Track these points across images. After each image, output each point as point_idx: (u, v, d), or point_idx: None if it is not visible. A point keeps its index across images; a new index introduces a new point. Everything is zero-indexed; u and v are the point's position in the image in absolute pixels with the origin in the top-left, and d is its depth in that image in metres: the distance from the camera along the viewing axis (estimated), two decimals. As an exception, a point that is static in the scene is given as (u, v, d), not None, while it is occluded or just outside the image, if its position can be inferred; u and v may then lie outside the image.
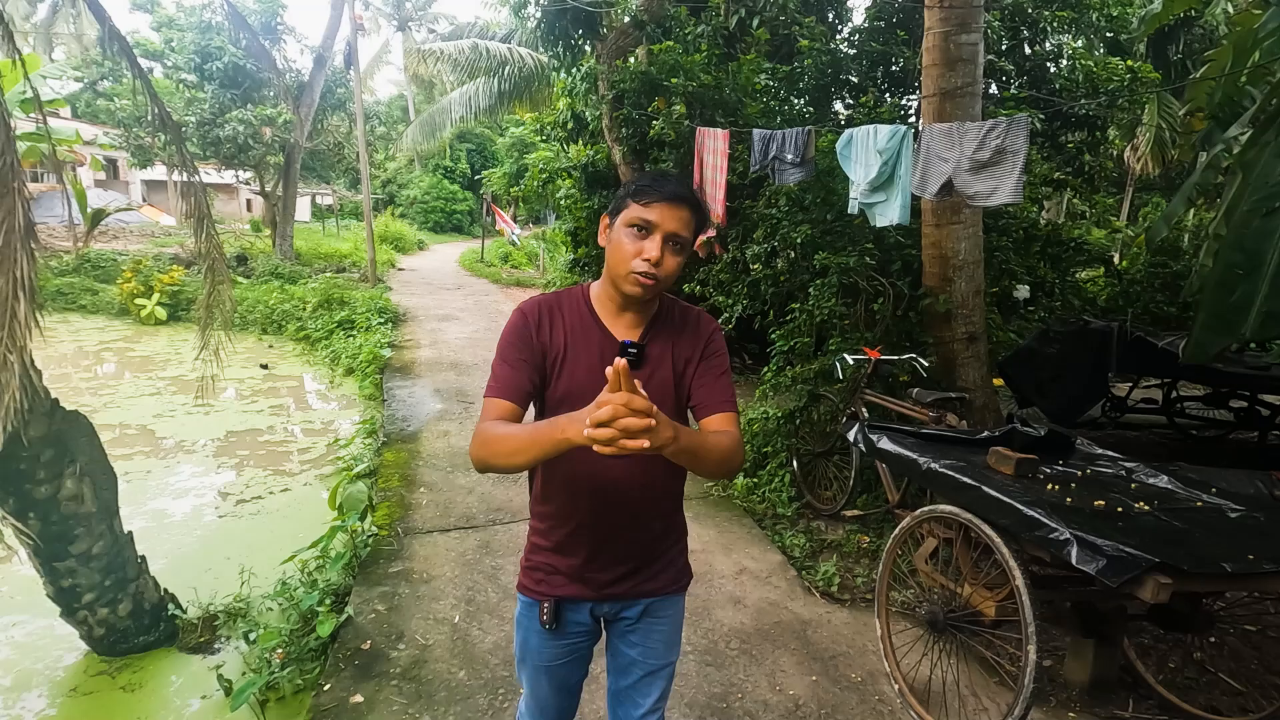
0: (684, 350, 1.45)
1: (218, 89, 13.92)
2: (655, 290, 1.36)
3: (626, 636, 1.56)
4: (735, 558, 3.62)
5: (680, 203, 1.33)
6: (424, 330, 9.79)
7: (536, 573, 1.50)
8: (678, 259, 1.36)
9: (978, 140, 2.87)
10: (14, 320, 2.74)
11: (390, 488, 4.40)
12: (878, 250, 4.64)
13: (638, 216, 1.33)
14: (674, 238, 1.34)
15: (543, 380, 1.40)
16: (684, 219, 1.34)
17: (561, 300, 1.46)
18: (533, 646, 1.53)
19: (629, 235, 1.34)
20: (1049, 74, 8.00)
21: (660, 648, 1.57)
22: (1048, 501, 2.26)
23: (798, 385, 4.55)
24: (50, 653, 3.15)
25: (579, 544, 1.46)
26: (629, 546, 1.48)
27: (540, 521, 1.51)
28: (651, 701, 1.58)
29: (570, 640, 1.53)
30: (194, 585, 3.49)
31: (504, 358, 1.40)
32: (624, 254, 1.34)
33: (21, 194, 2.87)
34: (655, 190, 1.33)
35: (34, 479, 2.84)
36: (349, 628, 2.91)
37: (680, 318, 1.49)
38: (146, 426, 6.37)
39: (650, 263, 1.32)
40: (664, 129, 6.31)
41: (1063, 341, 5.10)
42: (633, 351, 1.38)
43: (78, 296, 11.52)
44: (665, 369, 1.43)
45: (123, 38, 3.26)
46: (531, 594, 1.50)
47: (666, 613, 1.56)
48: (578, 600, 1.49)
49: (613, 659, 1.62)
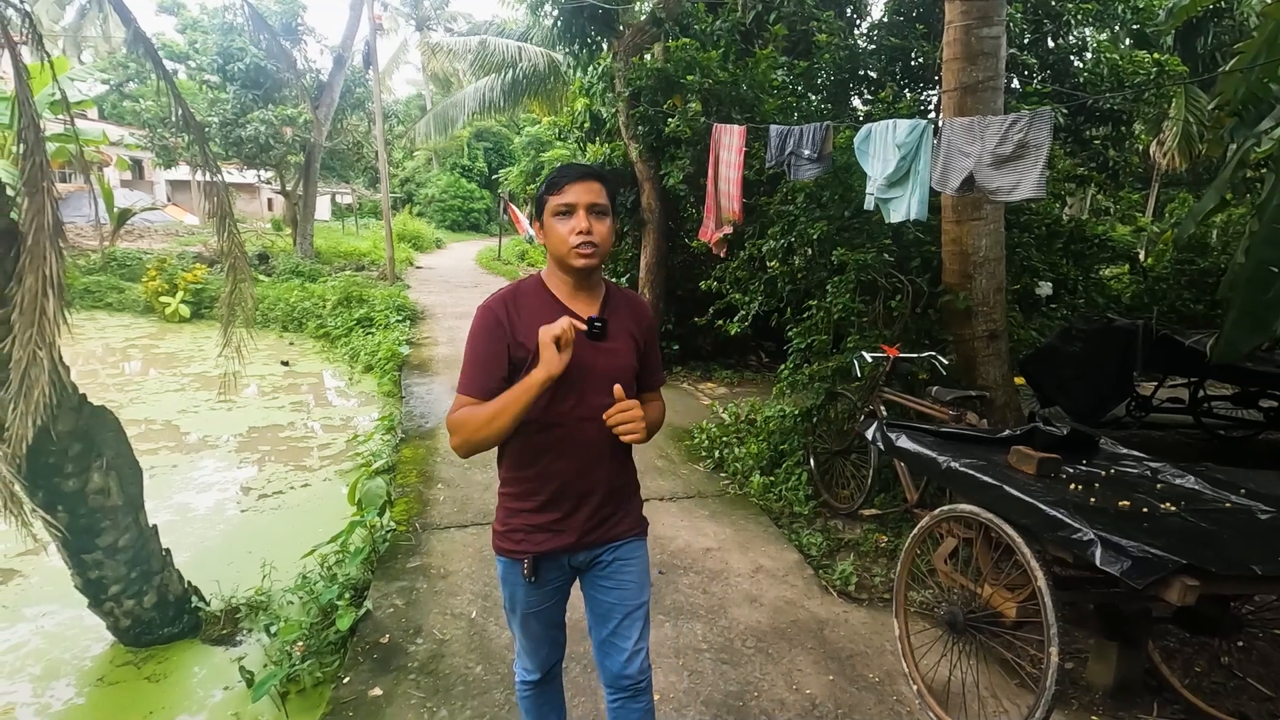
0: (632, 328, 1.68)
1: (240, 89, 14.11)
2: (599, 255, 1.56)
3: (600, 584, 1.74)
4: (751, 556, 3.61)
5: (588, 178, 1.55)
6: (442, 328, 9.86)
7: (515, 534, 1.66)
8: (605, 223, 1.56)
9: (1000, 134, 2.82)
10: (43, 317, 2.80)
11: (408, 484, 4.44)
12: (896, 247, 4.59)
13: (558, 204, 1.54)
14: (593, 207, 1.54)
15: (515, 365, 1.56)
16: (596, 189, 1.55)
17: (520, 292, 1.64)
18: (520, 598, 1.71)
19: (559, 221, 1.55)
20: (1073, 68, 7.86)
21: (633, 588, 1.74)
22: (1071, 501, 2.22)
23: (815, 383, 4.52)
24: (79, 643, 3.22)
25: (561, 501, 1.63)
26: (603, 497, 1.67)
27: (517, 487, 1.66)
28: (633, 642, 1.74)
29: (551, 586, 1.72)
30: (217, 578, 3.54)
31: (474, 357, 1.58)
32: (560, 236, 1.54)
33: (51, 194, 2.93)
34: (565, 177, 1.55)
35: (62, 473, 2.90)
36: (368, 621, 2.94)
37: (625, 301, 1.72)
38: (171, 422, 6.49)
39: (583, 233, 1.52)
40: (680, 126, 6.30)
41: (1086, 339, 5.02)
42: (598, 326, 1.56)
43: (104, 294, 11.75)
44: (624, 340, 1.65)
45: (148, 39, 3.32)
46: (511, 554, 1.67)
47: (633, 555, 1.75)
48: (555, 552, 1.66)
49: (592, 612, 1.78)
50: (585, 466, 1.62)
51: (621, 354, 1.63)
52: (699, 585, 3.29)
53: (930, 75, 8.01)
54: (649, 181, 7.38)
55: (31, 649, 3.20)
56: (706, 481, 4.61)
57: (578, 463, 1.61)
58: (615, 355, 1.61)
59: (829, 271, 4.72)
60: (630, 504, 1.77)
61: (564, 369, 1.45)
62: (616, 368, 1.60)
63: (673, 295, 7.68)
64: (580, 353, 1.52)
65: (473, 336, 1.59)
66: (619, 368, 1.61)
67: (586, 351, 1.55)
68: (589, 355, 1.56)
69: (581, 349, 1.53)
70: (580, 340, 1.52)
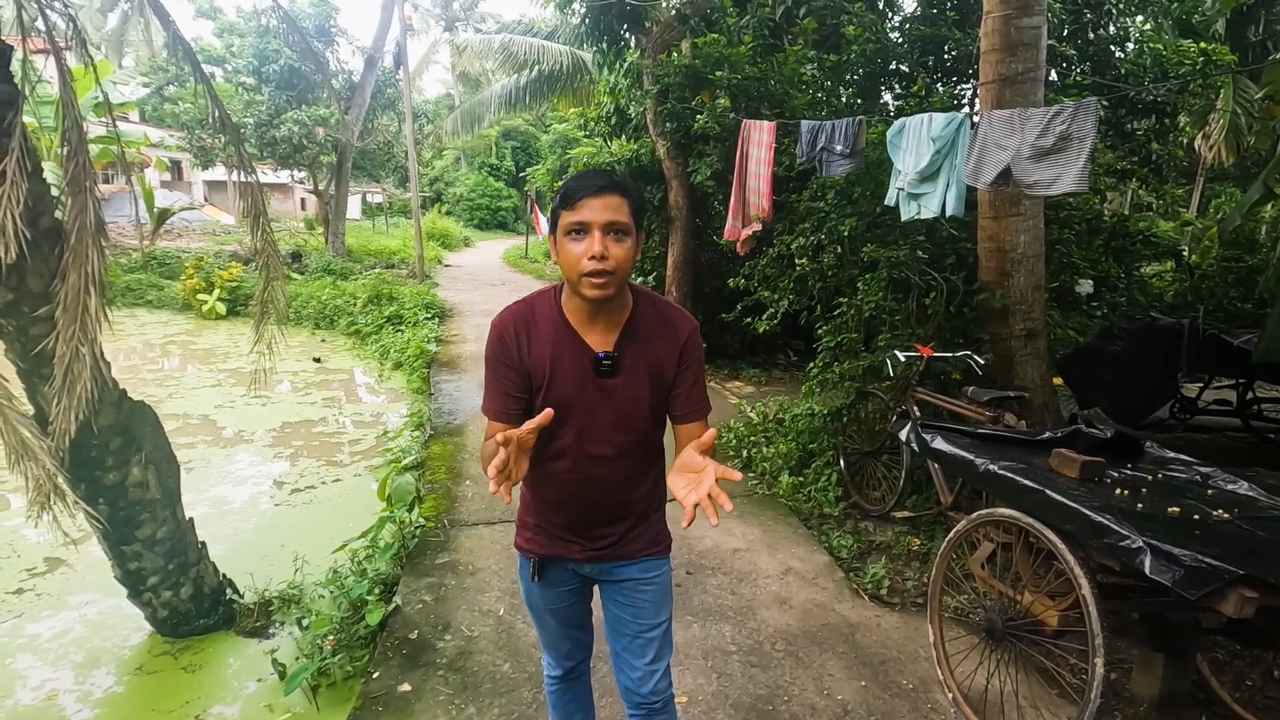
0: (660, 356, 1.48)
1: (274, 91, 14.39)
2: (614, 283, 1.36)
3: (614, 598, 1.66)
4: (780, 557, 3.56)
5: (606, 191, 1.34)
6: (470, 325, 9.94)
7: (526, 531, 1.64)
8: (624, 245, 1.36)
9: (1041, 126, 2.73)
10: (85, 314, 2.87)
11: (437, 480, 4.47)
12: (930, 244, 4.49)
13: (571, 221, 1.35)
14: (611, 226, 1.34)
15: (532, 389, 1.47)
16: (615, 205, 1.34)
17: (535, 311, 1.48)
18: (534, 594, 1.69)
19: (570, 242, 1.36)
20: (1114, 59, 7.62)
21: (648, 609, 1.64)
22: (1117, 507, 2.14)
23: (845, 382, 4.45)
24: (118, 632, 3.30)
25: (564, 524, 1.58)
26: (611, 524, 1.58)
27: (531, 492, 1.61)
28: (645, 662, 1.64)
29: (559, 589, 1.67)
30: (250, 571, 3.61)
31: (490, 379, 1.50)
32: (571, 260, 1.35)
33: (93, 194, 3.00)
34: (579, 189, 1.34)
35: (103, 466, 2.97)
36: (397, 617, 2.96)
37: (656, 320, 1.50)
38: (208, 417, 6.63)
39: (596, 259, 1.32)
40: (708, 122, 6.24)
41: (1128, 339, 4.86)
42: (606, 364, 1.43)
43: (144, 292, 12.08)
44: (639, 377, 1.47)
45: (186, 42, 3.38)
46: (521, 550, 1.65)
47: (651, 575, 1.63)
48: (560, 558, 1.62)
49: (607, 622, 1.71)
50: (591, 500, 1.54)
51: (633, 392, 1.47)
52: (727, 586, 3.26)
53: (964, 68, 7.83)
54: (676, 179, 7.34)
55: (74, 637, 3.28)
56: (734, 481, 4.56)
57: (583, 496, 1.53)
58: (624, 393, 1.46)
59: (860, 269, 4.64)
60: (646, 525, 1.63)
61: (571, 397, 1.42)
62: (624, 407, 1.47)
63: (700, 293, 7.63)
64: (587, 388, 1.44)
65: (488, 355, 1.50)
66: (626, 407, 1.47)
67: (592, 388, 1.44)
68: (594, 392, 1.45)
69: (588, 385, 1.44)
70: (587, 375, 1.44)
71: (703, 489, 1.21)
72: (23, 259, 2.64)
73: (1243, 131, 11.94)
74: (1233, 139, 12.13)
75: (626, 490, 1.56)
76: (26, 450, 2.59)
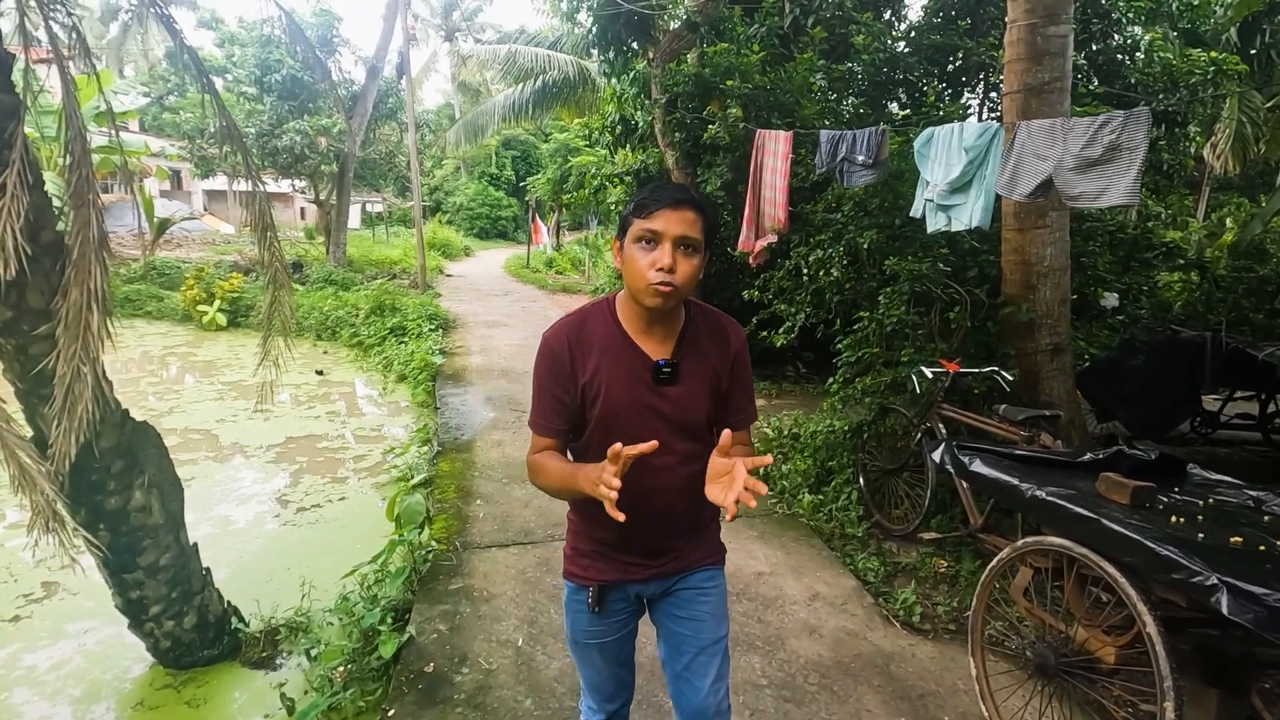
0: (715, 364, 1.50)
1: (276, 100, 14.33)
2: (676, 297, 1.37)
3: (673, 613, 1.62)
4: (806, 581, 3.43)
5: (682, 205, 1.35)
6: (474, 337, 9.83)
7: (582, 559, 1.59)
8: (692, 262, 1.37)
9: (1087, 136, 2.63)
10: (87, 332, 2.75)
11: (446, 499, 4.35)
12: (952, 256, 4.40)
13: (643, 229, 1.35)
14: (683, 240, 1.35)
15: (578, 404, 1.46)
16: (689, 220, 1.35)
17: (588, 321, 1.48)
18: (582, 627, 1.62)
19: (639, 250, 1.36)
20: (1124, 68, 7.57)
21: (709, 622, 1.61)
22: (1179, 538, 2.02)
23: (866, 398, 4.34)
24: (118, 663, 3.17)
25: (628, 539, 1.52)
26: (668, 538, 1.56)
27: (583, 519, 1.58)
28: (710, 680, 1.60)
29: (615, 619, 1.62)
30: (256, 596, 3.47)
31: (539, 391, 1.48)
32: (638, 269, 1.36)
33: (96, 207, 2.89)
34: (655, 200, 1.35)
35: (105, 490, 2.84)
36: (411, 648, 2.83)
37: (708, 328, 1.53)
38: (210, 431, 6.50)
39: (664, 270, 1.33)
40: (719, 132, 6.16)
41: (1149, 352, 4.77)
42: (667, 371, 1.44)
43: (144, 303, 11.96)
44: (700, 384, 1.48)
45: (193, 51, 3.28)
46: (578, 579, 1.60)
47: (709, 585, 1.62)
48: (621, 583, 1.58)
49: (665, 643, 1.66)
50: (651, 511, 1.49)
51: (693, 399, 1.48)
52: (754, 614, 3.13)
53: (972, 77, 7.78)
54: (685, 189, 7.23)
55: (73, 668, 3.15)
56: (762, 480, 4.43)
57: (643, 507, 1.46)
58: (684, 401, 1.47)
59: (879, 282, 4.54)
60: (704, 535, 1.64)
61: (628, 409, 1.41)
62: (683, 416, 1.47)
63: (709, 305, 7.52)
64: (645, 397, 1.44)
65: (535, 372, 1.49)
66: (686, 415, 1.47)
67: (652, 397, 1.44)
68: (654, 401, 1.45)
69: (647, 394, 1.44)
70: (645, 384, 1.44)
71: (738, 484, 1.22)
72: (23, 275, 2.52)
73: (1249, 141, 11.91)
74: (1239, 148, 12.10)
75: (687, 500, 1.51)
76: (25, 476, 2.47)
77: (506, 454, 5.18)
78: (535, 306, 12.84)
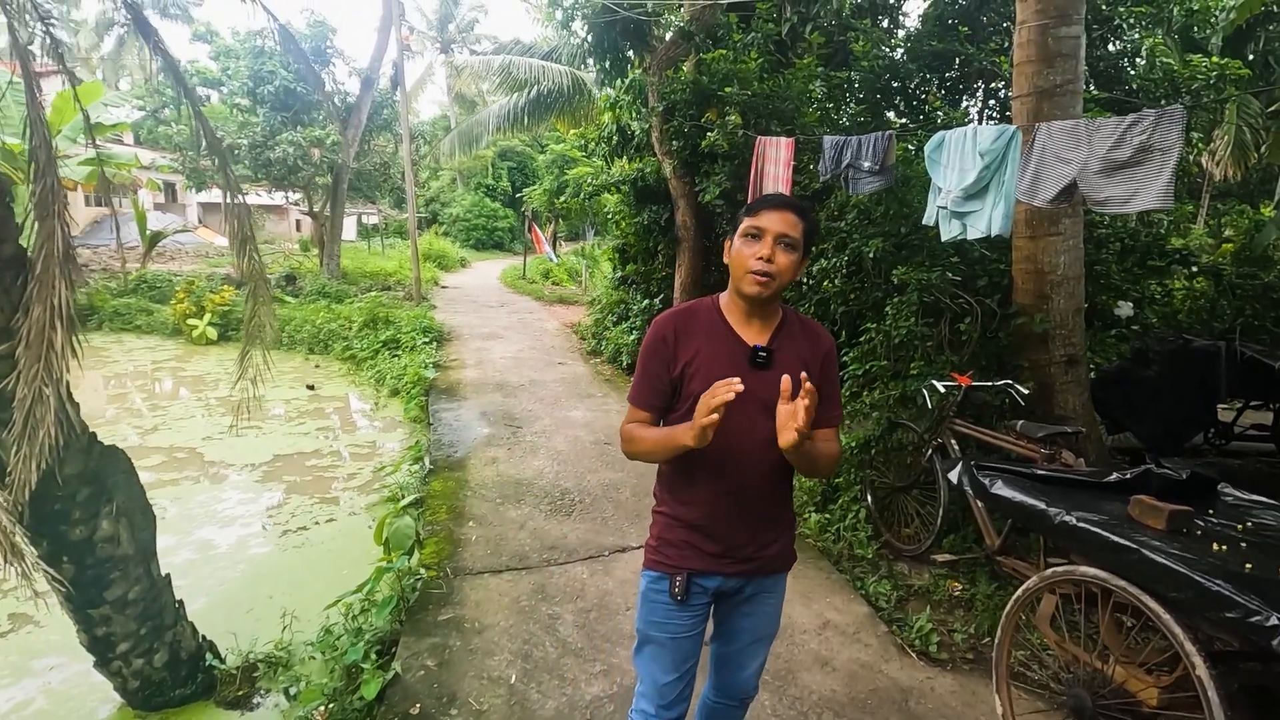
0: (808, 358, 1.61)
1: (269, 112, 14.20)
2: (773, 287, 1.52)
3: (740, 608, 1.71)
4: (816, 608, 3.26)
5: (784, 208, 1.54)
6: (469, 349, 9.65)
7: (670, 549, 1.64)
8: (790, 257, 1.53)
9: (1114, 138, 2.49)
10: (50, 351, 2.59)
11: (438, 521, 4.16)
12: (961, 265, 4.25)
13: (749, 225, 1.54)
14: (783, 238, 1.51)
15: (676, 384, 1.59)
16: (790, 221, 1.52)
17: (695, 311, 1.64)
18: (658, 618, 1.66)
19: (744, 243, 1.54)
20: (1125, 74, 7.49)
21: (771, 618, 1.76)
22: (1226, 570, 1.86)
23: (874, 413, 4.18)
24: (84, 704, 2.98)
25: (718, 523, 1.60)
26: (759, 523, 1.63)
27: (677, 504, 1.65)
28: (757, 665, 1.78)
29: (694, 612, 1.66)
30: (235, 629, 3.28)
31: (642, 370, 1.63)
32: (742, 259, 1.53)
33: (62, 218, 2.73)
34: (762, 202, 1.56)
35: (69, 520, 2.67)
36: (396, 687, 2.64)
37: (802, 328, 1.66)
38: (196, 450, 6.31)
39: (764, 260, 1.50)
40: (718, 140, 6.03)
41: (1162, 362, 4.63)
42: (763, 356, 1.55)
43: (134, 317, 11.78)
44: (794, 370, 1.52)
45: (171, 57, 3.14)
46: (664, 568, 1.64)
47: (777, 588, 1.75)
48: (708, 574, 1.64)
49: (721, 627, 1.76)
50: (742, 491, 1.59)
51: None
52: (761, 645, 2.95)
53: (971, 84, 7.68)
54: (684, 198, 7.12)
55: (36, 709, 2.96)
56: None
57: (733, 486, 1.59)
58: (777, 385, 1.51)
59: (886, 292, 4.39)
60: (786, 535, 1.72)
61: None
62: (775, 399, 1.51)
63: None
64: (743, 379, 1.48)
65: (643, 350, 1.63)
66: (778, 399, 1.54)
67: (749, 379, 1.48)
68: (751, 383, 1.49)
69: (743, 375, 1.48)
70: (742, 367, 1.53)
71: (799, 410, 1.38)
72: (-22, 292, 2.36)
73: (1248, 147, 11.85)
74: (1238, 154, 12.04)
75: (772, 486, 1.63)
76: (-22, 507, 2.29)
77: (501, 472, 5.00)
78: (531, 318, 12.68)
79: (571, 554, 3.76)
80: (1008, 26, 6.40)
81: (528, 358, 9.08)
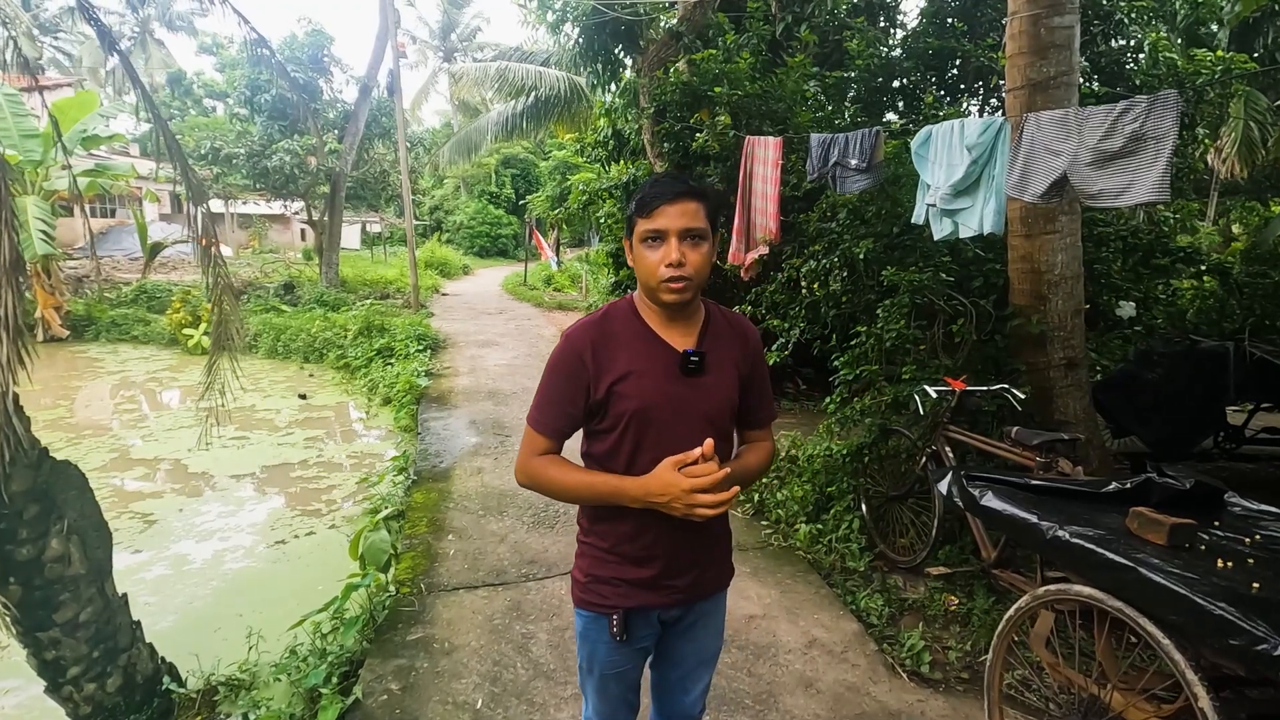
0: (737, 357, 1.50)
1: (266, 120, 14.20)
2: (691, 289, 1.38)
3: (683, 634, 1.60)
4: (803, 625, 3.11)
5: (682, 198, 1.35)
6: (463, 357, 9.55)
7: (604, 586, 1.50)
8: (700, 250, 1.37)
9: (1105, 126, 2.35)
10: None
11: (417, 534, 4.04)
12: (955, 265, 4.11)
13: (646, 229, 1.36)
14: (688, 233, 1.35)
15: (592, 407, 1.42)
16: (690, 211, 1.35)
17: (610, 319, 1.46)
18: (600, 658, 1.54)
19: (647, 249, 1.37)
20: (1127, 70, 7.34)
21: (714, 638, 1.65)
22: (1231, 591, 1.71)
23: (866, 419, 4.03)
24: (37, 730, 2.86)
25: (654, 556, 1.46)
26: (695, 552, 1.51)
27: (604, 539, 1.49)
28: (701, 688, 1.66)
29: (638, 645, 1.55)
30: (198, 650, 3.16)
31: (548, 391, 1.44)
32: (649, 267, 1.37)
33: (9, 226, 2.64)
34: (654, 197, 1.35)
35: (15, 539, 2.55)
36: (356, 713, 2.52)
37: (727, 324, 1.53)
38: (180, 461, 6.23)
39: (673, 266, 1.34)
40: (708, 141, 5.91)
41: (1168, 364, 4.47)
42: (695, 361, 1.41)
43: (130, 327, 11.75)
44: (726, 375, 1.47)
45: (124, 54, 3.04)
46: (598, 608, 1.50)
47: (717, 609, 1.64)
48: (648, 608, 1.51)
49: (663, 656, 1.64)
50: (677, 525, 1.41)
51: (721, 389, 1.46)
52: (743, 665, 2.81)
53: (970, 82, 7.54)
54: (676, 201, 6.98)
55: (-13, 736, 2.84)
56: (746, 530, 4.12)
57: (670, 522, 1.40)
58: (713, 391, 1.45)
59: (878, 294, 4.25)
60: (724, 550, 1.61)
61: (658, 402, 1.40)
62: (714, 406, 1.45)
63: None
64: (674, 389, 1.41)
65: (550, 368, 1.44)
66: (717, 406, 1.45)
67: (683, 389, 1.42)
68: (686, 392, 1.42)
69: (678, 386, 1.41)
70: (674, 376, 1.41)
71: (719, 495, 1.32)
72: (-86, 302, 2.26)
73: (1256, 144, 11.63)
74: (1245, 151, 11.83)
75: None
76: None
77: (486, 483, 4.88)
78: (529, 325, 12.58)
79: (551, 569, 3.62)
80: (1006, 22, 6.27)
81: (522, 365, 8.97)
